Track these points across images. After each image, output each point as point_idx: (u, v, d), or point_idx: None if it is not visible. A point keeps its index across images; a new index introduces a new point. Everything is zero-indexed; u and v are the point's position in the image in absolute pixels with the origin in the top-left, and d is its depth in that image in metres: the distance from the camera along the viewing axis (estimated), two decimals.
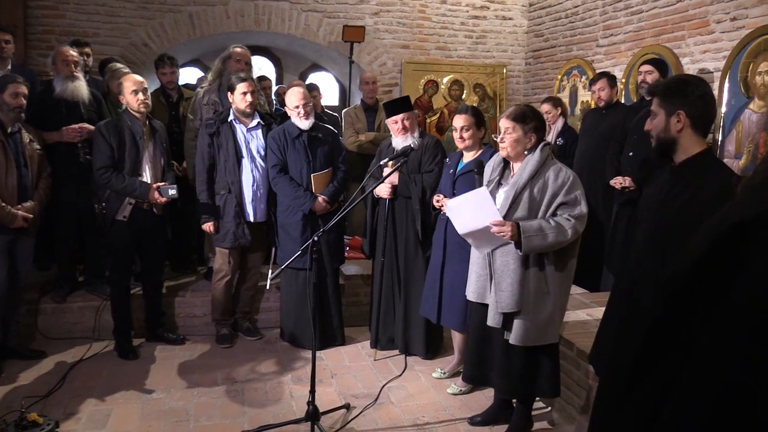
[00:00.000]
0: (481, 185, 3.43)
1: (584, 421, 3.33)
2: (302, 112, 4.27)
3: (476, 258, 3.25)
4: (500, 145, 3.13)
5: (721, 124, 4.60)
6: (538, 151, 3.06)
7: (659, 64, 4.79)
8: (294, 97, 4.29)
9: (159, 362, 4.19)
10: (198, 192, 4.40)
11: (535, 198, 3.01)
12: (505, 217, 2.99)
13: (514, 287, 3.01)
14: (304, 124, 4.30)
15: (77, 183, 4.40)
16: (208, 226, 4.38)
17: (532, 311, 3.02)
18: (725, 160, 4.51)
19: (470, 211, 3.03)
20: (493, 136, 3.47)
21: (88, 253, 4.69)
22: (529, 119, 3.06)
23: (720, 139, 4.62)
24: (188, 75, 7.79)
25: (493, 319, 3.10)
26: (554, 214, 2.99)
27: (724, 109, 4.58)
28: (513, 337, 3.05)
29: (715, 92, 4.64)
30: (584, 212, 2.98)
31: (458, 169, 3.82)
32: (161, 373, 4.03)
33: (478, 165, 3.50)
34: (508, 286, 3.03)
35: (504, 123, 3.10)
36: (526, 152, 3.09)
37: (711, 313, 0.53)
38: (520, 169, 3.08)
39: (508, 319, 3.07)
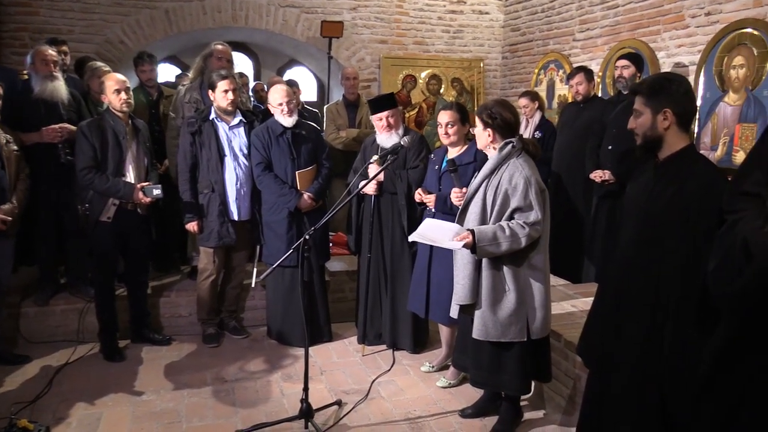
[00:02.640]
0: (458, 183, 3.56)
1: (571, 410, 3.40)
2: (286, 109, 4.26)
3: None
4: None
5: (697, 116, 4.71)
6: (496, 150, 3.15)
7: (635, 58, 4.88)
8: (277, 95, 4.28)
9: (146, 363, 4.17)
10: (181, 191, 4.36)
11: (488, 197, 3.10)
12: (461, 213, 3.18)
13: (466, 281, 3.12)
14: (288, 121, 4.29)
15: (57, 184, 4.33)
16: (192, 226, 4.35)
17: (490, 307, 3.08)
18: (701, 152, 4.61)
19: (436, 233, 3.16)
20: (470, 129, 3.59)
21: (70, 254, 4.63)
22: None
23: (696, 131, 4.72)
24: (165, 72, 7.69)
25: (453, 310, 3.26)
26: (510, 218, 3.05)
27: (699, 102, 4.69)
28: (474, 331, 3.13)
29: (691, 86, 4.74)
30: (539, 218, 3.01)
31: (443, 165, 3.85)
32: (150, 374, 4.00)
33: (452, 164, 3.62)
34: (461, 278, 3.14)
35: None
36: (494, 148, 3.18)
37: None
38: (486, 164, 3.18)
39: (471, 311, 3.16)
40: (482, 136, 3.22)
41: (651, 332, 2.23)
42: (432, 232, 3.17)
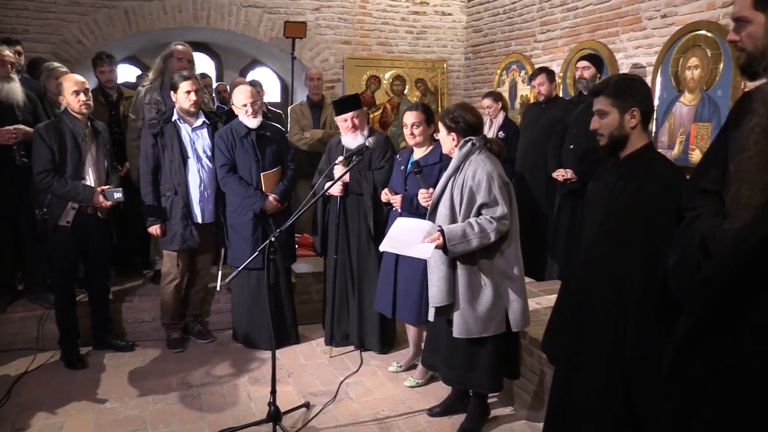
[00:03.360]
0: (424, 184, 3.55)
1: (538, 406, 3.46)
2: (250, 110, 4.22)
3: None
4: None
5: (655, 116, 4.82)
6: (457, 149, 3.18)
7: (595, 59, 4.98)
8: (241, 96, 4.24)
9: (109, 370, 4.08)
10: (143, 194, 4.29)
11: (454, 195, 3.14)
12: (430, 214, 3.19)
13: (441, 283, 3.12)
14: (253, 122, 4.26)
15: (13, 187, 4.21)
16: (155, 229, 4.28)
17: (468, 304, 3.10)
18: (658, 151, 4.73)
19: (407, 234, 3.12)
20: (435, 133, 3.62)
21: (28, 260, 4.51)
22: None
23: (654, 130, 4.84)
24: (124, 72, 7.55)
25: (430, 313, 3.25)
26: (478, 214, 3.08)
27: (656, 102, 4.80)
28: (455, 330, 3.14)
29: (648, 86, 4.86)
30: (505, 212, 3.05)
31: (409, 165, 3.87)
32: (113, 381, 3.92)
33: (417, 165, 3.62)
34: (436, 281, 3.14)
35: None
36: (454, 149, 3.23)
37: (745, 320, 0.58)
38: (450, 164, 3.21)
39: (449, 312, 3.16)
40: (447, 140, 3.26)
41: (613, 331, 2.27)
42: (402, 235, 3.14)
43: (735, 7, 1.65)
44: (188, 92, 4.19)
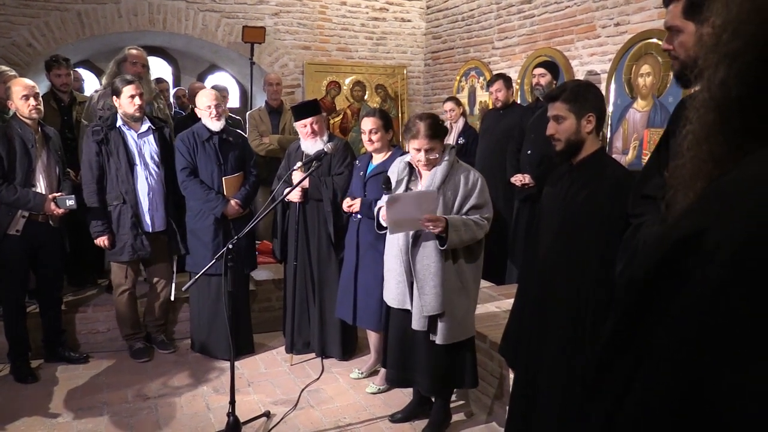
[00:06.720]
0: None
1: (498, 409, 3.48)
2: (214, 112, 4.17)
3: (394, 265, 3.28)
4: (423, 162, 3.15)
5: (609, 122, 4.94)
6: (445, 157, 3.19)
7: (551, 66, 5.06)
8: (206, 98, 4.19)
9: (62, 383, 3.96)
10: (88, 204, 4.14)
11: (448, 200, 3.14)
12: None
13: (438, 289, 3.10)
14: (216, 125, 4.21)
15: None
16: (101, 241, 4.16)
17: (453, 309, 3.13)
18: (613, 156, 4.84)
19: (410, 206, 3.02)
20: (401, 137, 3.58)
21: None
22: (442, 133, 3.16)
23: (608, 136, 4.95)
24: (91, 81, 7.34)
25: (418, 323, 3.15)
26: (466, 215, 3.13)
27: (611, 108, 4.91)
28: (439, 338, 3.14)
29: (603, 92, 4.97)
30: (492, 214, 3.17)
31: (368, 171, 3.87)
32: (65, 395, 3.80)
33: (386, 182, 3.39)
34: (431, 289, 3.10)
35: (426, 144, 3.10)
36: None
37: (659, 323, 0.59)
38: (431, 175, 3.18)
39: (431, 320, 3.16)
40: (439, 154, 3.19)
41: (574, 332, 2.28)
42: (401, 213, 3.02)
43: (667, 17, 1.69)
44: (132, 96, 4.10)
